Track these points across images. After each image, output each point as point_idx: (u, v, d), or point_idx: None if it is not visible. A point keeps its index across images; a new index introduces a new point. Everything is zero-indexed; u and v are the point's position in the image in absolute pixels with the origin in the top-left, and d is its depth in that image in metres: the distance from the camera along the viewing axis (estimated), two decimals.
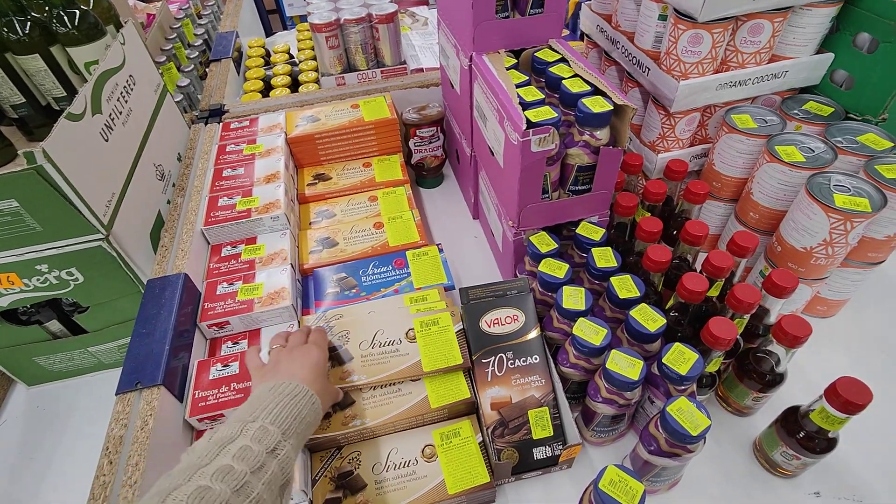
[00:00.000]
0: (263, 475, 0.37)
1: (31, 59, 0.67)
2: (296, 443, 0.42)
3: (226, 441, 0.38)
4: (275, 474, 0.39)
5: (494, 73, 0.63)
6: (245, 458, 0.37)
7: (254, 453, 0.38)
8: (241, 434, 0.39)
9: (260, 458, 0.38)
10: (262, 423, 0.40)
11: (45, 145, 0.48)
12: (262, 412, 0.42)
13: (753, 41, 0.64)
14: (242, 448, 0.38)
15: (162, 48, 1.12)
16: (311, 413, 0.46)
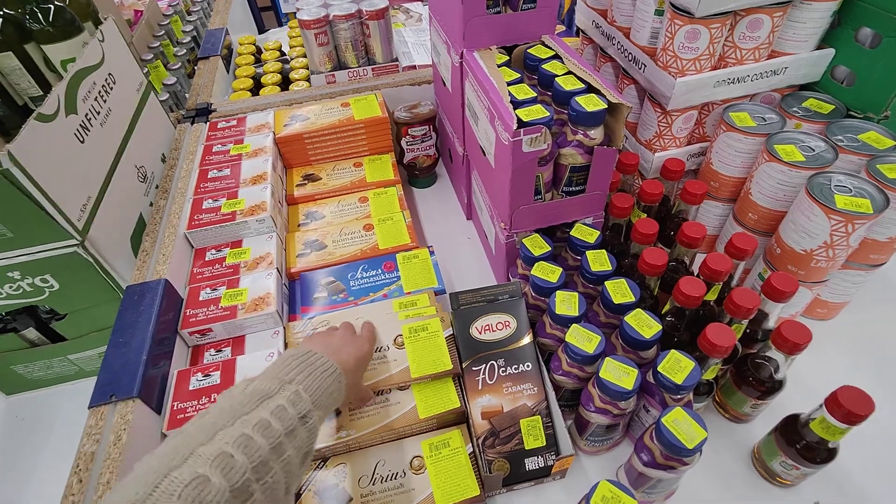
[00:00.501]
0: (294, 439, 0.37)
1: (5, 56, 0.65)
2: (321, 415, 0.42)
3: (264, 396, 0.38)
4: (302, 440, 0.38)
5: (485, 71, 0.61)
6: (281, 418, 0.37)
7: (288, 416, 0.38)
8: (278, 392, 0.39)
9: (293, 422, 0.38)
10: (296, 388, 0.40)
11: (12, 148, 0.46)
12: (299, 375, 0.42)
13: (752, 37, 0.62)
14: (279, 407, 0.37)
15: (149, 45, 1.10)
16: (336, 394, 0.45)
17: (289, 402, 0.39)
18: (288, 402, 0.38)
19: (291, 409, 0.38)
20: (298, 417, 0.38)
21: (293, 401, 0.39)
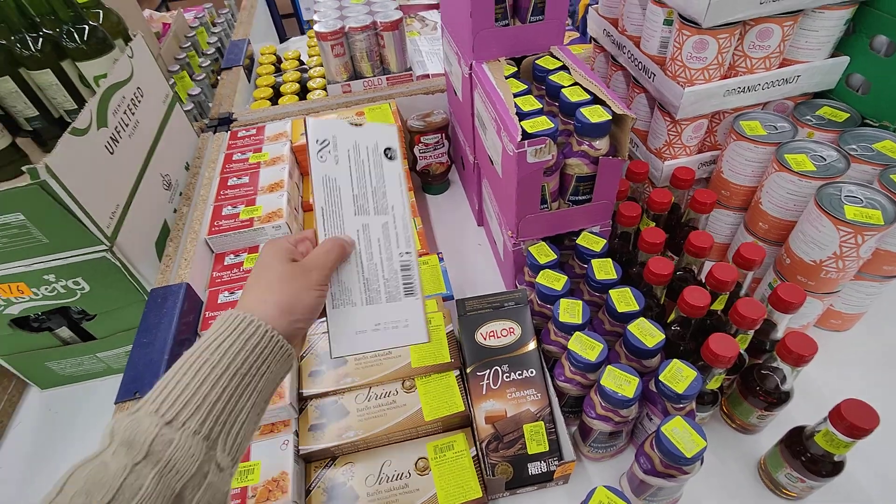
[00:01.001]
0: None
1: (43, 73, 0.70)
2: (236, 443, 0.32)
3: (119, 473, 0.27)
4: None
5: (493, 83, 0.62)
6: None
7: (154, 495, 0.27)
8: (145, 459, 0.28)
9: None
10: (183, 433, 0.29)
11: (49, 161, 0.50)
12: (194, 398, 0.31)
13: (762, 46, 0.62)
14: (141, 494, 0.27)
15: (176, 57, 1.14)
16: (275, 370, 0.36)
17: (160, 472, 0.28)
18: (157, 473, 0.28)
19: (162, 483, 0.28)
20: (174, 497, 0.28)
21: (171, 465, 0.28)
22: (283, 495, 0.50)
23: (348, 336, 0.42)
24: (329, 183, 0.43)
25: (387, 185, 0.44)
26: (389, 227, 0.44)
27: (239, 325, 0.35)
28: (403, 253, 0.44)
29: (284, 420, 0.56)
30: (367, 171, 0.44)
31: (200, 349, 0.33)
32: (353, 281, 0.43)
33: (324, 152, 0.43)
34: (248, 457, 0.53)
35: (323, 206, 0.42)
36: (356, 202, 0.43)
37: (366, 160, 0.44)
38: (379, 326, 0.43)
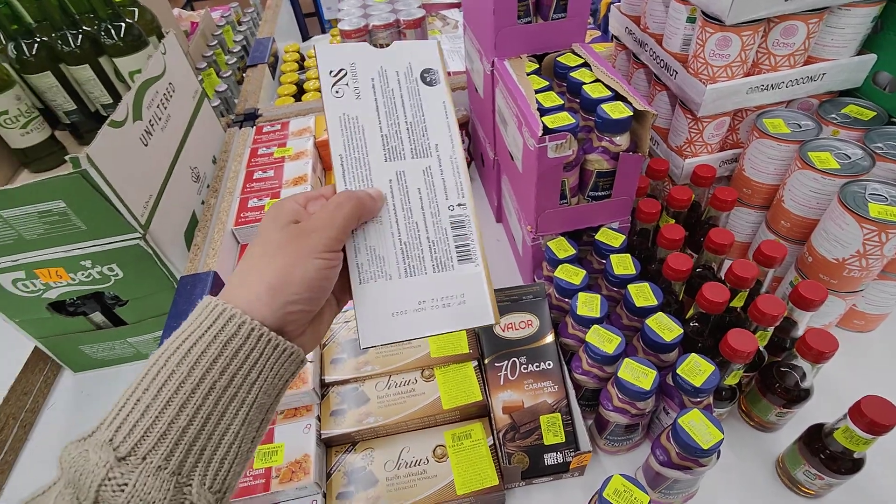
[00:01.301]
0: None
1: (82, 69, 0.73)
2: (222, 472, 0.26)
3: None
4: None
5: (515, 79, 0.63)
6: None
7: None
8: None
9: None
10: (142, 472, 0.23)
11: (89, 151, 0.52)
12: (157, 425, 0.24)
13: (787, 43, 0.61)
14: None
15: (203, 55, 1.18)
16: (273, 375, 0.29)
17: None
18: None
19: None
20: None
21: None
22: (305, 476, 0.52)
23: (382, 319, 0.33)
24: (349, 124, 0.35)
25: (427, 119, 0.35)
26: (434, 171, 0.35)
27: (215, 321, 0.27)
28: (454, 205, 0.34)
29: (307, 405, 0.58)
30: (399, 102, 0.35)
31: (166, 354, 0.26)
32: (387, 246, 0.33)
33: (340, 86, 0.35)
34: (271, 439, 0.55)
35: (342, 153, 0.34)
36: (386, 144, 0.35)
37: (396, 89, 0.36)
38: (424, 305, 0.33)
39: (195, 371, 0.26)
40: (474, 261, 0.35)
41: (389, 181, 0.35)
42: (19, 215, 0.55)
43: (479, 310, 0.34)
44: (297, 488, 0.52)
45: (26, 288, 0.62)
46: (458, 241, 0.35)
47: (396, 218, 0.34)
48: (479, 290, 0.34)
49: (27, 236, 0.57)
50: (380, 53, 0.36)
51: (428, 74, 0.37)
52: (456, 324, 0.34)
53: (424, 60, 0.37)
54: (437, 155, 0.35)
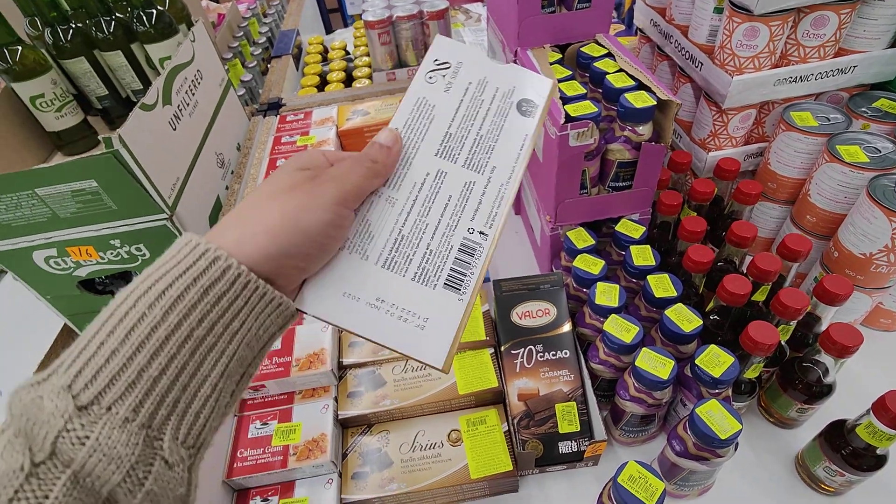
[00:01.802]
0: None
1: (114, 55, 0.75)
2: (196, 427, 0.24)
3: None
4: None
5: (537, 68, 0.63)
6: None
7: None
8: (50, 459, 0.20)
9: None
10: (106, 424, 0.21)
11: (122, 132, 0.54)
12: (125, 373, 0.22)
13: (817, 34, 0.60)
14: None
15: (229, 45, 1.20)
16: (257, 325, 0.26)
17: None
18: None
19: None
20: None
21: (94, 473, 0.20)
22: (321, 454, 0.53)
23: (330, 292, 0.30)
24: (423, 107, 0.34)
25: (499, 141, 0.34)
26: (475, 189, 0.33)
27: (196, 262, 0.24)
28: (475, 231, 0.32)
29: (325, 386, 0.59)
30: (481, 113, 0.34)
31: (136, 294, 0.23)
32: (383, 228, 0.31)
33: (436, 74, 0.34)
34: (290, 418, 0.56)
35: (399, 127, 0.33)
36: (445, 141, 0.33)
37: (487, 101, 0.34)
38: (380, 305, 0.30)
39: (170, 316, 0.23)
40: (461, 295, 0.31)
41: (427, 174, 0.33)
42: (53, 194, 0.57)
43: (432, 345, 0.29)
44: (314, 466, 0.53)
45: (58, 266, 0.65)
46: (456, 265, 0.31)
47: (411, 209, 0.32)
48: (445, 326, 0.30)
49: (61, 214, 0.59)
50: (491, 66, 0.36)
51: (526, 105, 0.35)
52: (399, 343, 0.29)
53: (530, 92, 0.36)
54: (488, 176, 0.33)
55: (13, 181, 0.55)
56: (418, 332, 0.30)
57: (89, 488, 0.20)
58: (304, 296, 0.30)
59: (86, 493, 0.20)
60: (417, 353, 0.29)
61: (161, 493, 0.22)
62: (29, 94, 0.71)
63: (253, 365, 0.27)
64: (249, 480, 0.53)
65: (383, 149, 0.32)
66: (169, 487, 0.22)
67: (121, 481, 0.20)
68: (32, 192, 0.56)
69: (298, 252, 0.27)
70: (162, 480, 0.22)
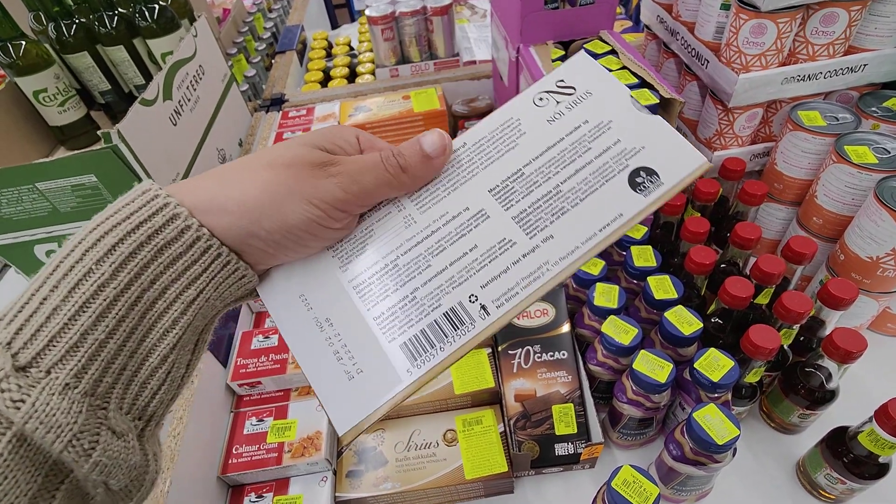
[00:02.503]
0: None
1: (117, 50, 0.75)
2: (143, 397, 0.22)
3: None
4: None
5: (539, 65, 0.62)
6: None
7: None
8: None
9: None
10: (46, 389, 0.19)
11: (121, 127, 0.54)
12: (68, 332, 0.20)
13: (826, 32, 0.59)
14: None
15: (234, 41, 1.20)
16: (210, 287, 0.23)
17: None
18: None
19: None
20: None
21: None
22: (316, 452, 0.53)
23: (289, 288, 0.26)
24: (509, 129, 0.28)
25: (579, 208, 0.26)
26: (508, 252, 0.26)
27: (152, 217, 0.22)
28: (478, 302, 0.25)
29: None
30: (578, 164, 0.27)
31: (84, 246, 0.21)
32: (380, 245, 0.27)
33: (550, 97, 0.28)
34: (285, 415, 0.56)
35: (466, 143, 0.28)
36: (511, 180, 0.27)
37: (595, 151, 0.27)
38: (326, 328, 0.26)
39: (120, 274, 0.21)
40: (413, 367, 0.25)
41: (466, 209, 0.27)
42: (54, 188, 0.57)
43: (347, 403, 0.25)
44: (309, 463, 0.53)
45: None
46: (430, 330, 0.25)
47: (423, 240, 0.27)
48: (373, 392, 0.25)
49: (61, 209, 0.59)
50: (627, 110, 0.27)
51: (646, 177, 0.26)
52: (317, 380, 0.25)
53: (663, 162, 0.26)
54: (535, 244, 0.26)
55: (14, 175, 0.55)
56: (343, 379, 0.25)
57: (35, 451, 0.19)
58: (269, 279, 0.27)
59: (33, 454, 0.19)
60: (326, 403, 0.25)
61: (112, 464, 0.20)
62: (32, 89, 0.71)
63: (206, 331, 0.25)
64: (244, 477, 0.53)
65: (422, 159, 0.26)
66: (120, 458, 0.21)
67: (63, 450, 0.19)
68: (33, 187, 0.57)
69: (269, 237, 0.24)
70: (112, 451, 0.20)
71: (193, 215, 0.22)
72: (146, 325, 0.22)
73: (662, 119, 0.27)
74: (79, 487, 0.20)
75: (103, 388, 0.21)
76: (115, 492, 0.21)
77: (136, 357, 0.22)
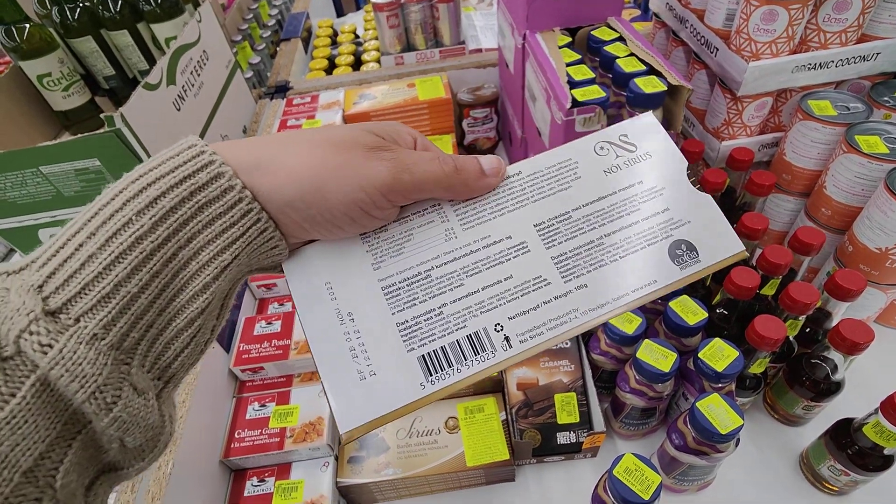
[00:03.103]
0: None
1: (121, 34, 0.75)
2: (166, 357, 0.22)
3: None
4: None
5: (546, 52, 0.61)
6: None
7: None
8: (17, 356, 0.18)
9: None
10: (73, 338, 0.19)
11: (124, 110, 0.54)
12: (101, 281, 0.20)
13: (839, 19, 0.58)
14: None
15: (239, 28, 1.19)
16: (239, 249, 0.23)
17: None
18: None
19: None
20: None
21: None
22: (318, 438, 0.53)
23: (316, 273, 0.26)
24: (566, 169, 0.28)
25: (617, 265, 0.26)
26: (541, 291, 0.26)
27: (196, 172, 0.21)
28: (502, 332, 0.25)
29: None
30: (624, 222, 0.27)
31: (126, 195, 0.20)
32: (417, 253, 0.26)
33: (612, 149, 0.29)
34: (288, 400, 0.56)
35: (521, 171, 0.28)
36: (557, 220, 0.27)
37: (644, 214, 0.27)
38: (346, 321, 0.25)
39: (159, 229, 0.20)
40: (427, 381, 0.24)
41: (508, 237, 0.27)
42: (57, 172, 0.57)
43: (354, 402, 0.24)
44: (311, 449, 0.53)
45: None
46: (450, 349, 0.25)
47: (461, 257, 0.26)
48: (382, 397, 0.24)
49: (65, 193, 0.59)
50: (679, 183, 0.27)
51: (685, 250, 0.26)
52: (328, 373, 0.25)
53: (705, 240, 0.26)
54: (569, 289, 0.26)
55: (18, 158, 0.55)
56: (355, 378, 0.24)
57: (57, 397, 0.18)
58: (297, 258, 0.26)
59: (55, 400, 0.18)
60: (333, 398, 0.24)
61: (131, 421, 0.20)
62: (36, 73, 0.71)
63: (230, 297, 0.25)
64: (246, 461, 0.53)
65: (478, 172, 0.27)
66: (140, 416, 0.20)
67: (85, 401, 0.18)
68: (37, 170, 0.56)
69: (307, 211, 0.23)
70: (132, 408, 0.20)
71: (238, 176, 0.22)
72: (178, 285, 0.21)
73: (712, 199, 0.28)
74: (94, 440, 0.20)
75: (129, 343, 0.20)
76: (129, 449, 0.21)
77: (165, 315, 0.21)
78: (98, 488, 0.21)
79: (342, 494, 0.54)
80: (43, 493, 0.18)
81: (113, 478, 0.22)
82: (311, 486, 0.52)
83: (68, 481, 0.19)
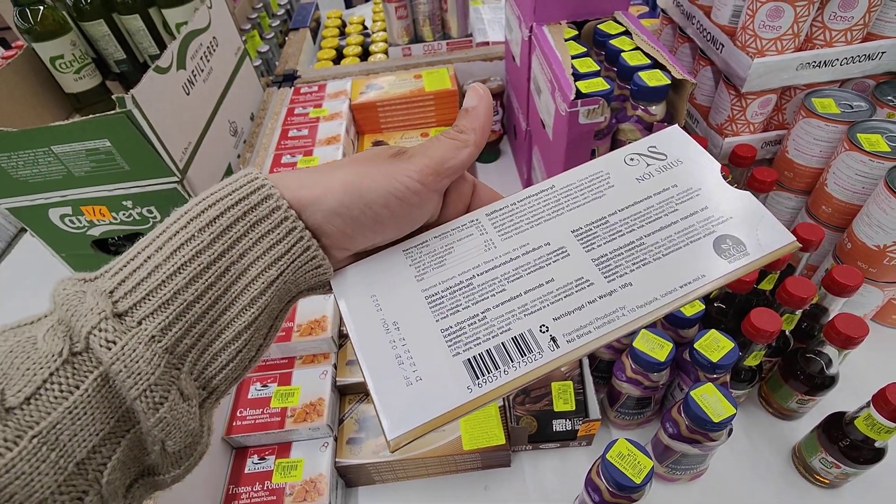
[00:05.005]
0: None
1: (132, 18, 0.76)
2: (213, 367, 0.23)
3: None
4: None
5: (552, 44, 0.62)
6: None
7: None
8: (85, 353, 0.20)
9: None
10: (134, 337, 0.20)
11: (135, 92, 0.55)
12: (162, 289, 0.21)
13: (845, 17, 0.58)
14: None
15: (248, 17, 1.20)
16: (289, 269, 0.24)
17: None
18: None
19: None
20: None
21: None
22: (318, 418, 0.54)
23: (363, 286, 0.27)
24: (599, 180, 0.29)
25: (660, 263, 0.26)
26: (585, 292, 0.26)
27: (249, 195, 0.23)
28: (548, 332, 0.25)
29: (325, 352, 0.60)
30: (664, 222, 0.27)
31: (189, 215, 0.23)
32: (458, 263, 0.27)
33: (641, 159, 0.29)
34: (289, 381, 0.57)
35: (555, 186, 0.29)
36: (595, 225, 0.27)
37: (683, 213, 0.27)
38: (392, 331, 0.26)
39: (216, 244, 0.22)
40: (473, 384, 0.24)
41: (546, 243, 0.27)
42: (69, 152, 0.58)
43: (402, 408, 0.24)
44: (310, 429, 0.54)
45: (72, 224, 0.66)
46: (496, 352, 0.25)
47: (501, 265, 0.27)
48: (430, 402, 0.24)
49: (76, 173, 0.60)
50: (719, 184, 0.28)
51: (732, 244, 0.26)
52: (375, 379, 0.25)
53: (751, 233, 0.26)
54: (613, 288, 0.25)
55: (30, 137, 0.56)
56: (401, 384, 0.24)
57: (114, 394, 0.20)
58: (343, 274, 0.28)
59: (112, 396, 0.20)
60: (380, 406, 0.24)
61: (174, 424, 0.21)
62: (49, 55, 0.72)
63: (280, 318, 0.26)
64: (248, 439, 0.55)
65: (468, 113, 0.27)
66: (182, 420, 0.21)
67: (137, 397, 0.20)
68: (48, 150, 0.58)
69: (348, 213, 0.25)
70: (176, 411, 0.21)
71: (283, 196, 0.24)
72: (229, 298, 0.23)
73: (752, 194, 0.28)
74: (140, 440, 0.21)
75: (181, 348, 0.22)
76: (169, 454, 0.22)
77: (215, 327, 0.23)
78: (136, 491, 0.22)
79: (340, 474, 0.55)
80: (90, 486, 0.20)
81: (150, 483, 0.23)
82: (310, 465, 0.53)
83: (113, 478, 0.20)
